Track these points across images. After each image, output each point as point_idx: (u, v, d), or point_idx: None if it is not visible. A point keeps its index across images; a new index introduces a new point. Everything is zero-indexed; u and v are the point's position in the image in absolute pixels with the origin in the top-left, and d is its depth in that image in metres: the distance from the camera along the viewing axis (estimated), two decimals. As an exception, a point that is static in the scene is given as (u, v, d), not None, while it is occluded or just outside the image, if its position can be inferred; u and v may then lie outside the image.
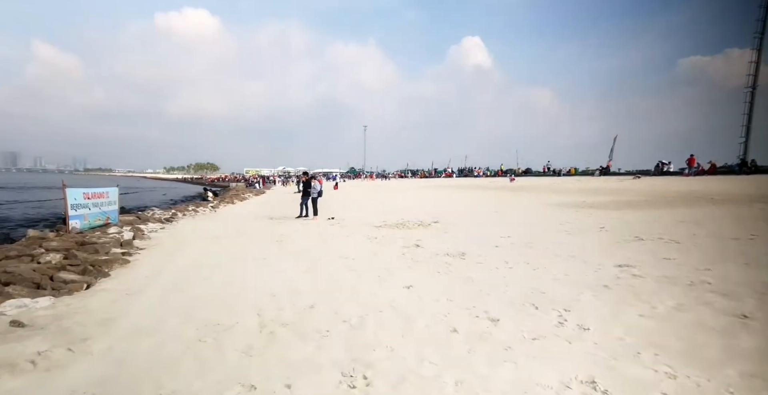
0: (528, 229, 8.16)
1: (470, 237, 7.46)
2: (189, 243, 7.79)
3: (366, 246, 6.98)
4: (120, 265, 5.78)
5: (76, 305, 3.91)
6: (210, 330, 3.24)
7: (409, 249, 6.50)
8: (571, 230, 7.77)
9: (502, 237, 7.26)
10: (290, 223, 10.89)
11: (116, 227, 8.88)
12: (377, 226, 9.79)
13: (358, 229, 9.29)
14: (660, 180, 23.81)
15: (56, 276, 4.71)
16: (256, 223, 11.04)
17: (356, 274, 4.97)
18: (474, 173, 53.18)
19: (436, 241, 7.18)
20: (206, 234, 8.98)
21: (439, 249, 6.43)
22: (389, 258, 5.87)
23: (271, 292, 4.33)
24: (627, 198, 14.21)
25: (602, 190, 18.95)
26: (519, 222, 9.46)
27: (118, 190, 9.65)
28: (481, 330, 2.89)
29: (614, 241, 6.32)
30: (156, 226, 9.92)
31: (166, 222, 10.94)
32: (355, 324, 3.21)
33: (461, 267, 5.05)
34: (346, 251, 6.60)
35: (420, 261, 5.59)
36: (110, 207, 9.18)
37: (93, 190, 8.53)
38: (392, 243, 7.28)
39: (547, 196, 17.61)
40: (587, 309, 3.20)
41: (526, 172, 47.02)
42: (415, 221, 10.33)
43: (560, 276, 4.36)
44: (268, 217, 12.63)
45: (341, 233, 8.75)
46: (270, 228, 10.00)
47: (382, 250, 6.55)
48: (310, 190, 11.87)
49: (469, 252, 6.03)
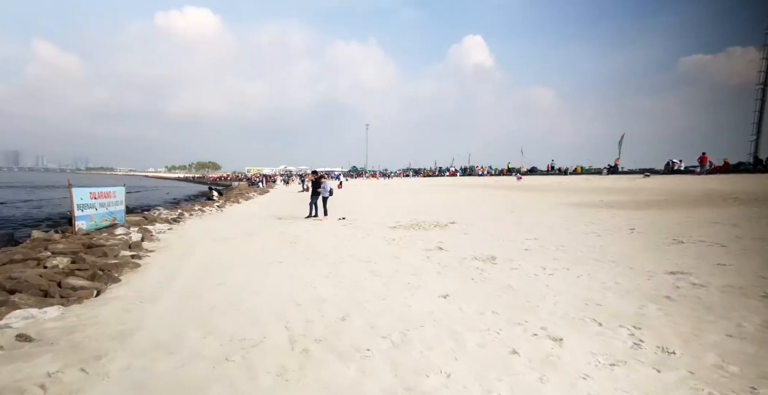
0: (552, 231, 7.82)
1: (493, 240, 7.13)
2: (199, 244, 7.48)
3: (385, 249, 6.65)
4: (130, 269, 5.47)
5: (87, 315, 3.60)
6: (236, 347, 2.92)
7: (432, 253, 6.17)
8: (599, 231, 7.42)
9: (528, 240, 6.92)
10: (300, 224, 10.57)
11: (123, 228, 8.58)
12: (392, 227, 9.46)
13: (373, 230, 8.97)
14: (672, 178, 23.38)
15: (64, 283, 4.40)
16: (265, 223, 10.73)
17: (382, 281, 4.64)
18: (478, 172, 52.77)
19: (458, 243, 6.85)
20: (215, 235, 8.67)
21: (464, 252, 6.10)
22: (413, 262, 5.54)
23: (294, 300, 4.01)
24: (645, 197, 13.82)
25: (616, 189, 18.55)
26: (539, 222, 9.11)
27: (125, 189, 9.35)
28: (545, 351, 2.55)
29: (652, 244, 5.97)
30: (163, 227, 9.62)
31: (174, 222, 10.65)
32: (398, 342, 2.88)
33: (496, 274, 4.71)
34: (365, 254, 6.28)
35: (448, 266, 5.26)
36: (117, 207, 8.88)
37: (100, 189, 8.23)
38: (412, 245, 6.95)
39: (560, 196, 17.24)
40: (660, 327, 2.85)
41: (531, 170, 46.57)
42: (431, 222, 9.99)
43: (610, 284, 4.02)
44: (276, 217, 12.32)
45: (356, 234, 8.43)
46: (280, 228, 9.68)
47: (403, 253, 6.22)
48: (319, 190, 11.56)
49: (499, 256, 5.69)
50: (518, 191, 22.37)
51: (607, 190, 18.45)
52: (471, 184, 34.40)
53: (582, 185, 24.02)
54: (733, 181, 17.78)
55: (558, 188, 22.90)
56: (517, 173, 44.18)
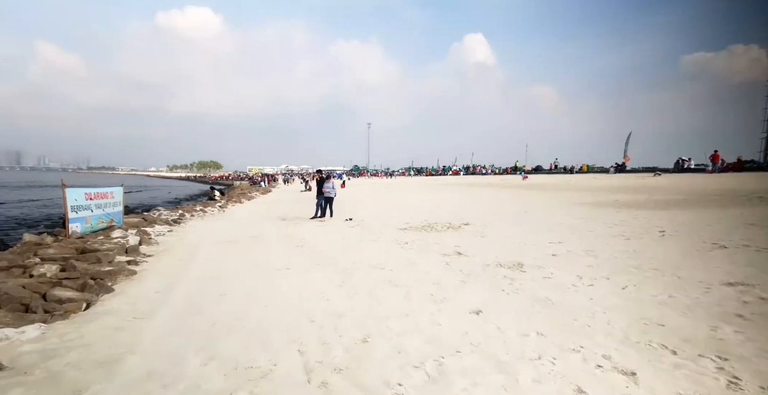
0: (575, 233, 7.34)
1: (514, 243, 6.66)
2: (200, 248, 7.04)
3: (399, 254, 6.20)
4: (125, 277, 5.04)
5: (71, 335, 3.16)
6: (242, 378, 2.47)
7: (451, 258, 5.71)
8: (626, 234, 6.95)
9: (552, 243, 6.46)
10: (306, 225, 10.13)
11: (121, 230, 8.16)
12: (402, 229, 9.01)
13: (383, 232, 8.52)
14: (683, 177, 22.84)
15: (50, 295, 3.97)
16: (269, 225, 10.29)
17: (402, 292, 4.19)
18: (482, 171, 52.25)
19: (477, 248, 6.39)
20: (218, 237, 8.24)
21: (486, 257, 5.64)
22: (432, 270, 5.08)
23: (307, 315, 3.57)
24: (663, 196, 13.32)
25: (628, 188, 18.04)
26: (558, 224, 8.63)
27: (122, 189, 8.92)
28: (620, 392, 2.09)
29: (691, 249, 5.50)
30: (163, 229, 9.20)
31: (174, 223, 10.23)
32: (433, 374, 2.42)
33: (528, 284, 4.25)
34: (378, 259, 5.83)
35: (472, 274, 4.80)
36: (114, 208, 8.46)
37: (96, 189, 7.80)
38: (427, 249, 6.50)
39: (572, 195, 16.74)
40: (751, 357, 2.39)
41: (536, 169, 46.03)
42: (442, 223, 9.53)
43: (663, 298, 3.55)
44: (281, 218, 11.89)
45: (365, 237, 7.99)
46: (285, 230, 9.25)
47: (419, 259, 5.77)
48: (325, 190, 11.11)
49: (526, 262, 5.23)
50: (526, 190, 21.88)
51: (619, 189, 17.94)
52: (476, 183, 33.90)
53: (591, 184, 23.50)
54: (750, 180, 17.25)
55: (567, 187, 22.40)
56: (522, 172, 43.65)
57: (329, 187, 11.08)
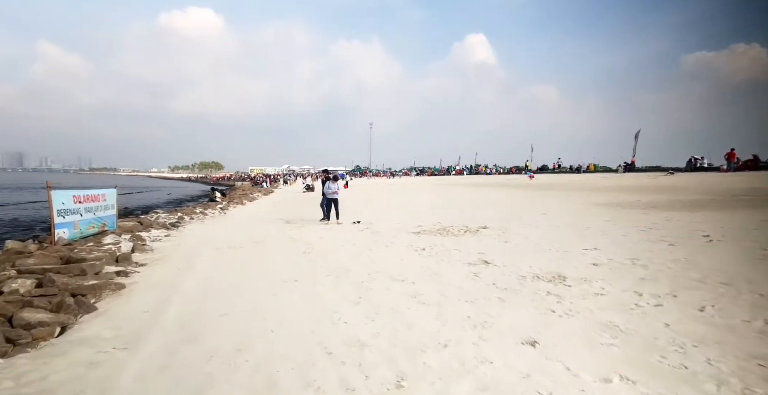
0: (609, 238, 6.71)
1: (544, 250, 6.03)
2: (198, 255, 6.44)
3: (418, 262, 5.58)
4: (112, 292, 4.43)
5: (31, 376, 2.55)
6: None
7: (479, 268, 5.09)
8: (666, 238, 6.31)
9: (588, 250, 5.82)
10: (312, 228, 9.52)
11: (114, 235, 7.56)
12: (415, 232, 8.39)
13: (395, 237, 7.90)
14: (698, 176, 22.14)
15: (18, 317, 3.36)
16: (272, 228, 9.69)
17: (432, 312, 3.57)
18: (487, 170, 51.58)
19: (504, 255, 5.76)
20: (218, 243, 7.64)
21: (518, 267, 5.01)
22: (461, 282, 4.46)
23: (322, 345, 2.95)
24: (687, 196, 12.65)
25: (645, 188, 17.39)
26: (586, 227, 8.00)
27: (116, 191, 8.32)
28: None
29: (751, 257, 4.86)
30: (160, 233, 8.60)
31: (172, 227, 9.63)
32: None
33: (580, 303, 3.62)
34: (396, 269, 5.21)
35: (508, 288, 4.17)
36: (107, 211, 7.85)
37: (86, 191, 7.20)
38: (448, 256, 5.88)
39: (587, 195, 16.08)
40: None
41: (541, 169, 45.32)
42: (458, 226, 8.91)
43: (759, 325, 2.92)
44: (285, 221, 11.28)
45: (377, 242, 7.37)
46: (290, 234, 8.64)
47: (442, 269, 5.15)
48: (325, 191, 10.48)
49: (566, 273, 4.60)
50: (536, 190, 21.22)
51: (636, 189, 17.27)
52: (482, 182, 33.25)
53: (603, 183, 22.84)
54: (773, 179, 16.56)
55: (578, 187, 21.74)
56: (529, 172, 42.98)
57: (328, 188, 10.46)
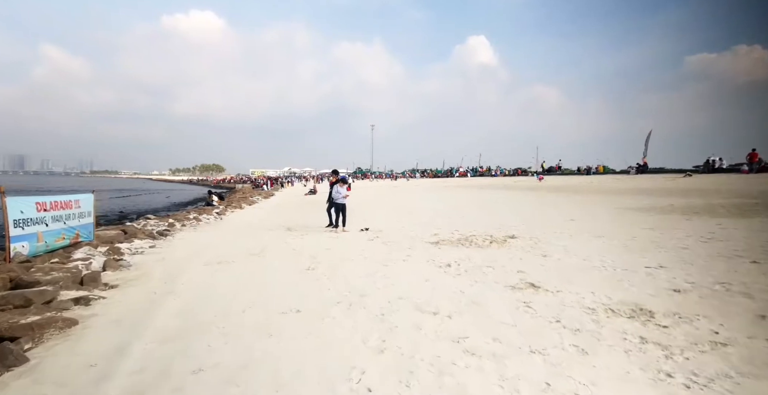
0: (668, 252, 5.68)
1: (597, 268, 5.01)
2: (182, 273, 5.43)
3: (446, 283, 4.56)
4: (59, 331, 3.42)
5: None
6: None
7: (526, 294, 4.06)
8: (743, 254, 5.27)
9: (653, 269, 4.80)
10: (316, 237, 8.52)
11: (88, 248, 6.57)
12: (433, 243, 7.39)
13: (411, 248, 6.89)
14: (720, 178, 21.07)
15: None
16: (272, 237, 8.68)
17: (490, 374, 2.53)
18: (492, 172, 50.56)
19: (551, 275, 4.74)
20: (209, 255, 6.63)
21: (578, 294, 3.98)
22: (513, 319, 3.43)
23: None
24: (725, 200, 11.60)
25: (668, 190, 16.33)
26: (631, 237, 6.97)
27: (93, 196, 7.33)
28: None
29: None
30: (144, 244, 7.59)
31: (160, 236, 8.62)
32: None
33: (701, 358, 2.59)
34: (421, 294, 4.19)
35: (582, 330, 3.13)
36: (81, 220, 6.86)
37: (53, 198, 6.20)
38: (481, 275, 4.86)
39: (607, 198, 15.04)
40: None
41: (548, 170, 44.27)
42: (481, 234, 7.89)
43: None
44: (286, 228, 10.28)
45: (391, 255, 6.36)
46: (292, 244, 7.63)
47: (479, 294, 4.13)
48: (334, 195, 9.46)
49: (647, 305, 3.57)
50: (549, 193, 20.19)
51: (659, 192, 16.22)
52: (489, 184, 32.21)
53: (618, 186, 21.79)
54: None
55: (594, 189, 20.69)
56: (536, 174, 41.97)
57: (337, 192, 9.44)
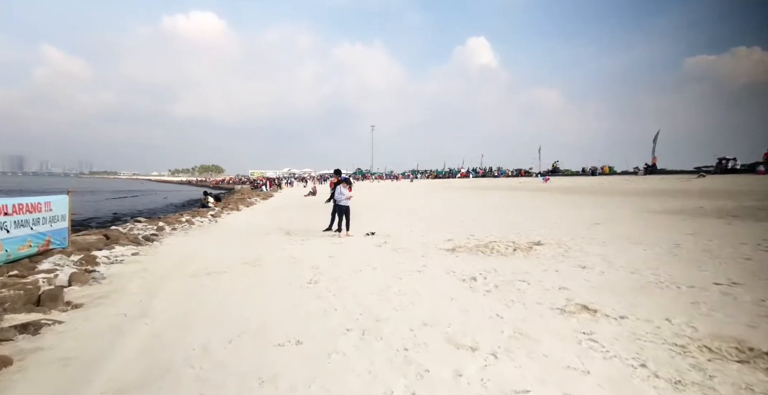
0: (729, 264, 4.89)
1: (654, 285, 4.22)
2: (162, 289, 4.63)
3: (478, 305, 3.77)
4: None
5: None
6: None
7: (583, 321, 3.27)
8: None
9: (725, 286, 4.01)
10: (318, 243, 7.73)
11: (59, 256, 5.78)
12: (449, 249, 6.61)
13: (425, 256, 6.12)
14: (737, 178, 20.32)
15: None
16: (270, 242, 7.90)
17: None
18: (495, 173, 49.86)
19: (603, 293, 3.94)
20: (197, 265, 5.84)
21: (650, 322, 3.18)
22: (580, 361, 2.63)
23: None
24: (758, 202, 10.81)
25: (688, 192, 15.56)
26: (674, 244, 6.19)
27: (68, 198, 6.53)
28: None
29: None
30: (126, 251, 6.79)
31: (145, 242, 7.81)
32: None
33: None
34: (450, 319, 3.40)
35: (684, 382, 2.34)
36: (53, 224, 6.06)
37: (16, 200, 5.39)
38: (517, 293, 4.07)
39: (629, 200, 14.26)
40: None
41: (553, 171, 43.56)
42: (501, 240, 7.11)
43: None
44: (285, 231, 9.49)
45: (404, 264, 5.58)
46: (292, 251, 6.84)
47: (522, 321, 3.33)
48: (337, 196, 8.68)
49: (749, 337, 2.78)
50: (561, 194, 19.42)
51: (678, 193, 15.45)
52: (494, 185, 31.45)
53: (630, 187, 21.04)
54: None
55: (605, 191, 19.93)
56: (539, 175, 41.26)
57: (340, 193, 8.66)
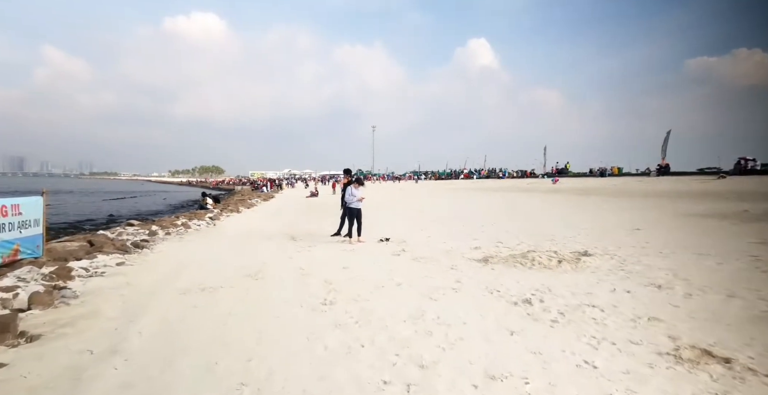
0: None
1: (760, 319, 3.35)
2: (148, 309, 3.77)
3: (549, 344, 2.90)
4: None
5: None
6: None
7: (720, 380, 2.40)
8: None
9: None
10: (327, 249, 6.89)
11: (29, 268, 4.92)
12: (479, 260, 5.77)
13: (454, 268, 5.26)
14: (762, 179, 19.44)
15: None
16: (273, 249, 7.04)
17: None
18: (500, 174, 49.02)
19: (717, 330, 3.08)
20: (189, 277, 4.98)
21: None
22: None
23: None
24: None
25: (717, 193, 14.69)
26: (745, 255, 5.33)
27: (42, 200, 5.67)
28: None
29: None
30: (110, 260, 5.92)
31: (134, 249, 6.94)
32: None
33: None
34: (521, 367, 2.54)
35: None
36: (23, 231, 5.20)
37: (-26, 202, 4.50)
38: (593, 325, 3.21)
39: (657, 202, 13.39)
40: None
41: (560, 172, 42.68)
42: (537, 248, 6.25)
43: None
44: (289, 236, 8.64)
45: (433, 279, 4.72)
46: (298, 261, 5.98)
47: (629, 377, 2.47)
48: (348, 198, 7.81)
49: None
50: (577, 196, 18.55)
51: (706, 195, 14.58)
52: (501, 187, 30.58)
53: (646, 188, 20.17)
54: None
55: (625, 192, 19.06)
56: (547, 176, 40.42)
57: (352, 195, 7.80)
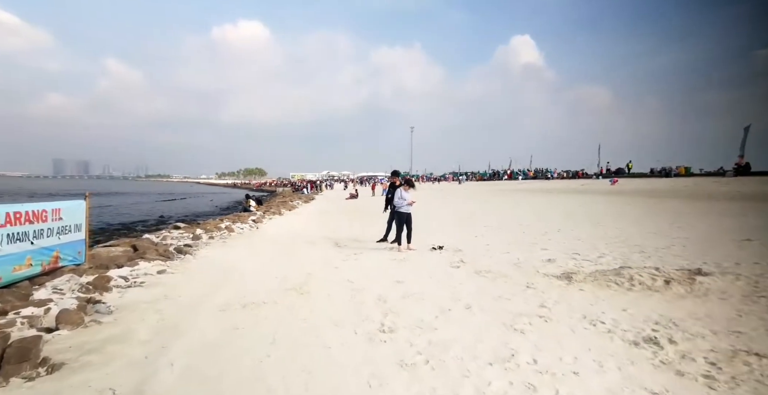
0: None
1: None
2: (184, 330, 3.27)
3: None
4: None
5: None
6: None
7: None
8: None
9: None
10: (375, 258, 6.23)
11: (70, 276, 4.66)
12: (559, 277, 4.83)
13: (530, 286, 4.38)
14: None
15: None
16: (318, 256, 6.50)
17: None
18: (548, 175, 46.32)
19: None
20: (231, 290, 4.50)
21: None
22: None
23: None
24: None
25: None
26: None
27: (85, 203, 5.46)
28: None
29: None
30: (151, 268, 5.60)
31: (177, 255, 6.65)
32: None
33: None
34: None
35: None
36: (62, 237, 4.97)
37: (13, 207, 4.29)
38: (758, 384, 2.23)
39: (753, 206, 11.53)
40: None
41: (616, 172, 39.45)
42: (628, 263, 5.19)
43: None
44: (333, 242, 8.10)
45: (509, 302, 3.88)
46: (346, 271, 5.35)
47: None
48: (397, 202, 7.08)
49: None
50: (646, 198, 16.67)
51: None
52: (552, 188, 28.61)
53: (728, 191, 17.75)
54: None
55: (700, 195, 16.87)
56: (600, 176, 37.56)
57: (401, 198, 7.05)
